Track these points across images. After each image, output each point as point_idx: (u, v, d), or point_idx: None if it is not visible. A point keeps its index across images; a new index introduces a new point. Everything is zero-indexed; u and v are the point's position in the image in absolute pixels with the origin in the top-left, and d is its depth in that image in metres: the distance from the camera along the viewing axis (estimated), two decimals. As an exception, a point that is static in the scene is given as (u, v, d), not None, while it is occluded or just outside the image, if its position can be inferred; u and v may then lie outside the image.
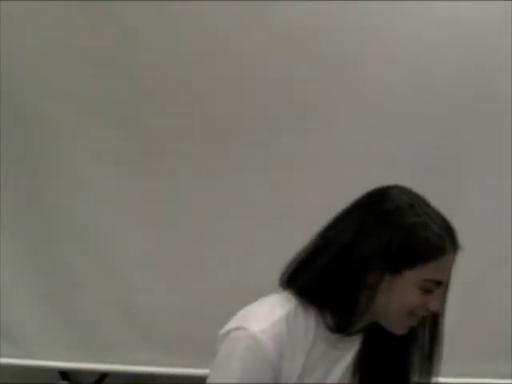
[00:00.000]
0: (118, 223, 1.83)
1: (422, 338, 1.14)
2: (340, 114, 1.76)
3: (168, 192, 1.82)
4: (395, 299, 1.03)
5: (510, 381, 1.80)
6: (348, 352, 1.10)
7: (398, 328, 1.06)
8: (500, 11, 1.67)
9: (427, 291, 1.02)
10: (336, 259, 1.03)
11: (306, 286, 1.05)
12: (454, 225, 1.80)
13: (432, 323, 1.12)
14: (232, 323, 1.05)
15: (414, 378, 1.19)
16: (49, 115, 1.81)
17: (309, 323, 1.04)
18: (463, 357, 1.81)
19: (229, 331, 1.03)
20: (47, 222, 1.85)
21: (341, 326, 1.04)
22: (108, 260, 1.85)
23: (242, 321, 1.04)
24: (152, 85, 1.78)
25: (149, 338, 1.88)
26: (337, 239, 1.05)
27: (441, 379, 1.83)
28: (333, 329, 1.04)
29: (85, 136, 1.81)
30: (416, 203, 1.09)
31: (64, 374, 2.05)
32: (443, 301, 1.09)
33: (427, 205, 1.11)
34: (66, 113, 1.80)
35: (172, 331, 1.86)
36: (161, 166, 1.82)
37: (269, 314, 1.03)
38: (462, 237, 1.76)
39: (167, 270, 1.83)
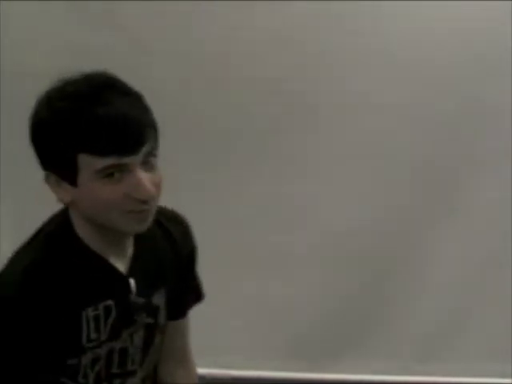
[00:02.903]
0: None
1: None
2: (340, 114, 1.77)
3: (168, 192, 1.81)
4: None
5: (510, 380, 1.80)
6: None
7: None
8: (500, 11, 1.67)
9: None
10: None
11: None
12: (453, 225, 1.82)
13: None
14: None
15: None
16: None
17: None
18: (463, 356, 1.82)
19: None
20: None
21: None
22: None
23: None
24: (152, 85, 1.77)
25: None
26: None
27: (441, 378, 1.85)
28: None
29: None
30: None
31: (64, 373, 2.05)
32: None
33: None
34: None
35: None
36: (161, 166, 1.81)
37: None
38: (463, 236, 1.78)
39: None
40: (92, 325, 1.02)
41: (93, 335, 1.02)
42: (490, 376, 1.81)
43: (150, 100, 1.85)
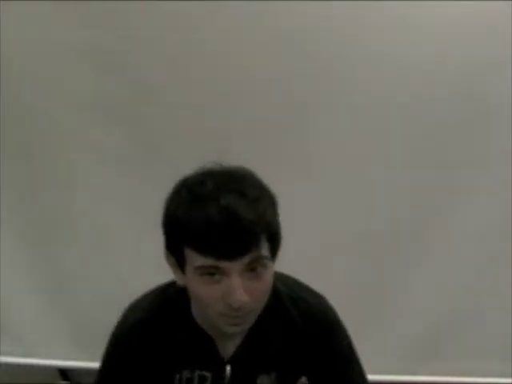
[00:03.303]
0: (118, 223, 1.83)
1: None
2: (340, 114, 1.77)
3: (168, 192, 1.81)
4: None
5: (510, 380, 1.80)
6: None
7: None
8: (500, 11, 1.67)
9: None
10: None
11: None
12: (453, 225, 1.82)
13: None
14: None
15: None
16: (49, 115, 1.81)
17: None
18: (463, 356, 1.82)
19: None
20: (47, 222, 1.85)
21: None
22: (108, 260, 1.85)
23: None
24: (152, 85, 1.78)
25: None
26: None
27: (442, 378, 1.85)
28: None
29: (85, 136, 1.81)
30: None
31: (64, 373, 2.06)
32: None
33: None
34: (66, 113, 1.80)
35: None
36: (161, 166, 1.82)
37: None
38: (463, 236, 1.78)
39: (167, 270, 1.83)
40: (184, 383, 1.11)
41: None
42: (490, 376, 1.81)
43: (150, 100, 1.87)
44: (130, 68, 1.78)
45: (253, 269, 0.96)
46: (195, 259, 0.95)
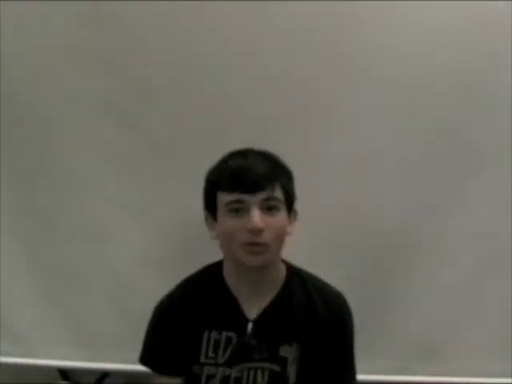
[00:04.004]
0: (118, 223, 1.83)
1: None
2: (340, 114, 1.77)
3: (168, 192, 1.82)
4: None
5: (510, 380, 1.80)
6: None
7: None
8: (500, 11, 1.67)
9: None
10: None
11: None
12: (453, 225, 1.82)
13: None
14: None
15: None
16: (49, 115, 1.81)
17: None
18: (463, 356, 1.82)
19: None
20: (47, 222, 1.85)
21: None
22: (108, 260, 1.85)
23: None
24: (152, 85, 1.78)
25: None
26: None
27: (441, 378, 1.85)
28: None
29: (85, 136, 1.81)
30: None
31: (64, 373, 2.05)
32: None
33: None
34: (65, 113, 1.80)
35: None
36: (161, 166, 1.82)
37: None
38: (463, 236, 1.78)
39: (167, 270, 1.83)
40: (211, 345, 1.32)
41: (210, 354, 1.32)
42: (490, 376, 1.81)
43: (150, 100, 1.87)
44: (131, 68, 1.78)
45: (269, 208, 1.25)
46: (224, 198, 1.26)
